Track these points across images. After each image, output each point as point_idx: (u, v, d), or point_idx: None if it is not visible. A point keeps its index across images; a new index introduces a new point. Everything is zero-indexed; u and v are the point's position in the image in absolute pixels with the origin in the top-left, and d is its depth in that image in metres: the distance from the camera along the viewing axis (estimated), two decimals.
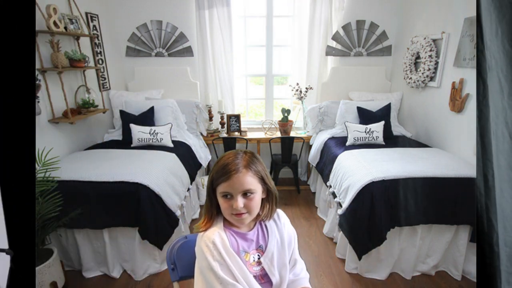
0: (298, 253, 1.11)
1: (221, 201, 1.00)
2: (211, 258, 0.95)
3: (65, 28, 2.63)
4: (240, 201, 0.96)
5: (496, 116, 0.84)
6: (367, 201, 2.13)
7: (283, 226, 1.08)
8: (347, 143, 3.01)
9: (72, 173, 2.19)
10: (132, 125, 3.01)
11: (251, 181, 0.97)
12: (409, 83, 3.25)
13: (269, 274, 1.02)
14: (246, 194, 0.97)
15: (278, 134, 3.72)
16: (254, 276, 1.00)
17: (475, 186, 1.12)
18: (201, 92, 3.79)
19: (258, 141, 3.68)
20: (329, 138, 3.26)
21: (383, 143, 3.01)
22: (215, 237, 0.98)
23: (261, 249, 1.04)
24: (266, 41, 3.77)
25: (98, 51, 3.25)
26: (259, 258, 1.03)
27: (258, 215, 1.04)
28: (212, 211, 1.04)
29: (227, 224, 1.04)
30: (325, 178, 2.89)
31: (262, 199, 1.03)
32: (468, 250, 2.23)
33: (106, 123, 3.46)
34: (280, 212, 1.10)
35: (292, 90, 3.68)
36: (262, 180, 1.00)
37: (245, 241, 1.03)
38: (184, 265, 1.20)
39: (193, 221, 3.08)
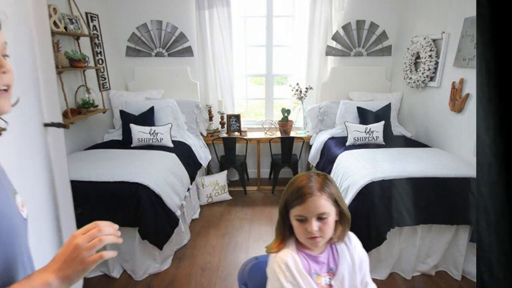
0: (369, 276, 1.10)
1: (295, 224, 0.99)
2: (283, 279, 0.95)
3: (65, 28, 2.63)
4: (314, 225, 0.95)
5: None
6: (367, 201, 2.13)
7: (354, 249, 1.06)
8: (347, 143, 3.01)
9: (72, 173, 2.18)
10: (132, 125, 3.01)
11: (325, 204, 0.96)
12: (409, 83, 3.25)
13: None
14: (320, 217, 0.97)
15: (278, 134, 3.72)
16: None
17: (475, 187, 1.12)
18: (201, 92, 3.79)
19: (258, 141, 3.68)
20: (329, 138, 3.26)
21: (383, 143, 3.01)
22: (288, 258, 0.98)
23: (332, 272, 1.03)
24: (266, 41, 3.77)
25: (98, 51, 3.25)
26: (330, 281, 1.02)
27: (331, 238, 1.03)
28: (285, 233, 1.04)
29: (299, 246, 1.04)
30: None
31: (336, 222, 1.02)
32: (468, 250, 2.23)
33: (106, 123, 3.46)
34: (351, 234, 1.09)
35: (292, 90, 3.68)
36: (336, 203, 1.00)
37: (316, 263, 1.02)
38: (255, 286, 1.20)
39: (193, 221, 3.08)
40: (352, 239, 1.08)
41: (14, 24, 1.28)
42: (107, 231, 0.64)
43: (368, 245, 2.15)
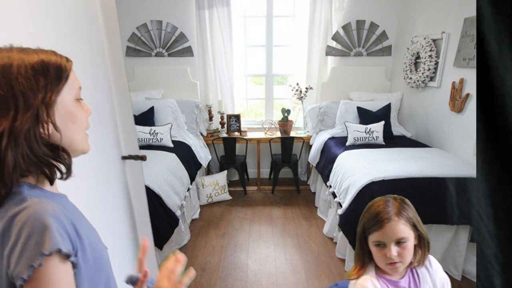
0: None
1: (374, 250, 0.99)
2: None
3: None
4: (393, 250, 0.95)
5: None
6: (367, 201, 2.11)
7: (435, 273, 1.05)
8: (347, 143, 3.01)
9: None
10: None
11: (404, 229, 0.96)
12: (409, 83, 3.25)
13: None
14: (399, 242, 0.96)
15: (278, 134, 3.72)
16: None
17: (476, 187, 1.12)
18: (201, 92, 3.79)
19: (258, 141, 3.68)
20: (329, 138, 3.26)
21: (383, 143, 3.01)
22: (368, 284, 0.97)
23: None
24: (266, 41, 3.77)
25: None
26: None
27: (411, 262, 1.02)
28: (364, 259, 1.04)
29: (379, 271, 1.03)
30: (325, 178, 2.89)
31: (414, 246, 1.01)
32: (468, 250, 2.23)
33: None
34: (431, 258, 1.08)
35: (292, 90, 3.68)
36: (414, 227, 0.99)
37: None
38: None
39: (193, 221, 3.08)
40: (433, 263, 1.06)
41: (92, 67, 1.34)
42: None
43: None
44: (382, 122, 3.06)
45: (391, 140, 3.09)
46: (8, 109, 0.52)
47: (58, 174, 0.60)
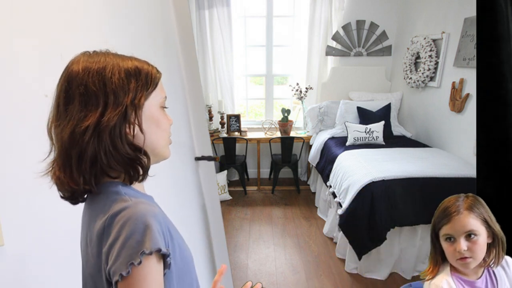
0: None
1: (444, 245, 0.98)
2: None
3: None
4: (463, 244, 0.93)
5: None
6: (367, 201, 2.13)
7: None
8: (347, 143, 3.01)
9: None
10: None
11: (473, 223, 0.94)
12: (409, 83, 3.25)
13: None
14: (469, 236, 0.94)
15: (278, 134, 3.72)
16: None
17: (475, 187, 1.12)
18: None
19: (258, 141, 3.68)
20: (329, 138, 3.26)
21: (383, 143, 3.01)
22: (443, 284, 0.96)
23: None
24: (266, 41, 3.77)
25: None
26: None
27: (485, 261, 0.99)
28: (436, 258, 1.02)
29: (454, 271, 1.01)
30: (325, 178, 2.89)
31: (488, 244, 0.98)
32: None
33: None
34: (509, 259, 1.04)
35: (292, 90, 3.68)
36: (486, 223, 0.96)
37: None
38: None
39: None
40: (510, 263, 1.04)
41: (171, 79, 1.42)
42: None
43: (368, 245, 2.15)
44: (382, 122, 3.06)
45: (391, 140, 3.09)
46: (98, 105, 0.54)
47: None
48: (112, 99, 0.54)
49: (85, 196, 0.60)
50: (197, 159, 1.64)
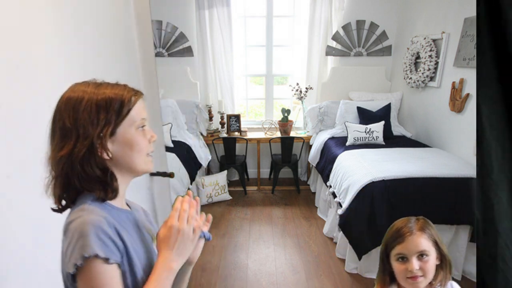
0: None
1: (395, 265, 1.00)
2: None
3: None
4: (415, 263, 0.95)
5: None
6: (367, 201, 2.13)
7: None
8: (347, 143, 3.01)
9: None
10: None
11: (425, 243, 0.97)
12: (409, 83, 3.25)
13: None
14: (421, 256, 0.97)
15: (278, 134, 3.72)
16: None
17: (475, 188, 1.12)
18: (201, 92, 3.79)
19: (258, 141, 3.68)
20: (329, 138, 3.26)
21: (383, 143, 3.01)
22: None
23: None
24: (266, 41, 3.77)
25: None
26: None
27: (431, 283, 1.02)
28: (385, 279, 1.04)
29: None
30: (325, 178, 2.89)
31: (436, 266, 1.01)
32: (468, 250, 2.23)
33: None
34: (454, 284, 1.08)
35: (292, 90, 3.68)
36: (436, 245, 1.00)
37: None
38: None
39: None
40: (455, 287, 1.07)
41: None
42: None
43: (368, 245, 2.15)
44: (382, 122, 3.06)
45: (391, 140, 3.09)
46: (71, 138, 0.64)
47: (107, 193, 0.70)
48: (81, 132, 0.64)
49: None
50: (152, 175, 1.60)
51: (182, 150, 3.03)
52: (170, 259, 0.69)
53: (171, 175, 1.60)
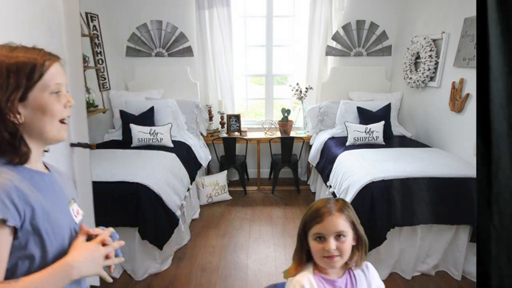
0: None
1: (312, 244, 1.01)
2: None
3: None
4: (332, 243, 0.97)
5: None
6: (367, 201, 2.12)
7: (372, 277, 1.08)
8: (347, 143, 3.01)
9: None
10: (132, 125, 3.01)
11: (343, 224, 0.99)
12: (409, 83, 3.25)
13: None
14: (338, 236, 0.99)
15: (278, 134, 3.72)
16: None
17: (476, 188, 1.12)
18: (201, 92, 3.79)
19: (258, 141, 3.68)
20: (329, 138, 3.26)
21: (383, 143, 3.01)
22: (304, 282, 0.99)
23: None
24: (266, 41, 3.77)
25: (98, 51, 3.25)
26: None
27: (347, 263, 1.05)
28: (302, 257, 1.05)
29: (316, 270, 1.05)
30: (325, 178, 2.89)
31: (353, 246, 1.03)
32: (468, 250, 2.23)
33: (106, 123, 3.46)
34: (369, 264, 1.11)
35: (292, 90, 3.68)
36: (354, 226, 1.02)
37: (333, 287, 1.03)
38: None
39: (193, 221, 3.08)
40: (370, 269, 1.09)
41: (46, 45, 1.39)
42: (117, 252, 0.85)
43: (368, 245, 2.15)
44: (382, 122, 3.06)
45: (391, 140, 3.09)
46: None
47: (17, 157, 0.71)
48: None
49: None
50: (72, 145, 1.56)
51: (182, 150, 3.03)
52: (76, 266, 0.71)
53: (92, 146, 1.57)
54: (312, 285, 0.99)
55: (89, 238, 0.82)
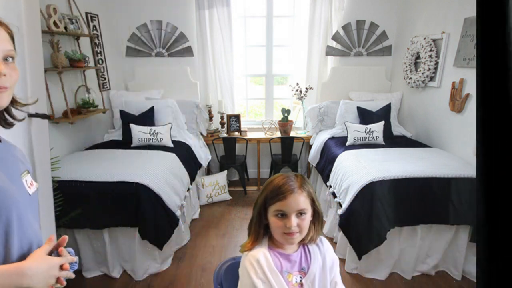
0: (339, 277, 1.13)
1: (273, 220, 1.02)
2: (254, 276, 0.97)
3: (65, 28, 2.63)
4: (294, 221, 0.98)
5: None
6: (367, 201, 2.12)
7: (326, 251, 1.10)
8: (347, 143, 3.01)
9: (72, 173, 2.19)
10: (132, 125, 3.01)
11: (305, 201, 1.01)
12: (409, 83, 3.25)
13: None
14: (300, 213, 1.00)
15: (278, 134, 3.72)
16: None
17: (476, 188, 1.12)
18: (201, 92, 3.79)
19: (258, 141, 3.68)
20: (329, 138, 3.26)
21: (383, 143, 3.01)
22: (259, 256, 1.00)
23: (303, 271, 1.06)
24: (266, 41, 3.77)
25: (98, 51, 3.25)
26: (301, 280, 1.05)
27: (303, 238, 1.06)
28: (259, 232, 1.06)
29: (272, 244, 1.07)
30: (325, 178, 2.89)
31: (310, 222, 1.05)
32: (468, 250, 2.23)
33: (106, 123, 3.46)
34: (323, 238, 1.13)
35: (292, 90, 3.68)
36: (313, 202, 1.04)
37: (288, 262, 1.05)
38: (231, 286, 1.20)
39: (193, 221, 3.08)
40: (325, 242, 1.12)
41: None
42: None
43: (368, 245, 2.15)
44: (382, 122, 3.06)
45: (391, 140, 3.09)
46: None
47: None
48: None
49: None
50: (30, 116, 1.52)
51: (182, 150, 3.03)
52: (29, 275, 0.70)
53: (51, 116, 1.54)
54: (268, 260, 1.00)
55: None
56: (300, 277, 1.05)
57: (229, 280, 1.21)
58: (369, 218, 2.11)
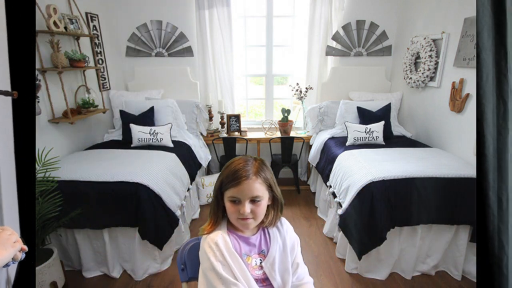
0: (301, 258, 1.14)
1: (228, 205, 1.02)
2: (213, 258, 0.97)
3: (65, 28, 2.63)
4: (247, 207, 0.98)
5: None
6: (367, 201, 2.12)
7: (286, 233, 1.10)
8: (347, 143, 3.01)
9: (72, 173, 2.19)
10: (132, 125, 3.01)
11: (260, 188, 1.00)
12: (409, 83, 3.25)
13: (270, 278, 1.05)
14: (254, 200, 1.00)
15: (278, 134, 3.72)
16: (256, 280, 1.03)
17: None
18: (201, 92, 3.79)
19: (258, 141, 3.68)
20: (329, 138, 3.26)
21: (383, 143, 3.01)
22: (218, 239, 1.00)
23: (263, 254, 1.07)
24: (266, 41, 3.77)
25: (98, 51, 3.25)
26: (261, 263, 1.05)
27: (262, 221, 1.07)
28: (218, 215, 1.07)
29: (231, 228, 1.07)
30: (325, 178, 2.89)
31: (268, 206, 1.06)
32: (468, 250, 2.23)
33: (106, 123, 3.46)
34: (283, 219, 1.14)
35: (292, 90, 3.68)
36: (270, 188, 1.04)
37: (247, 245, 1.06)
38: (194, 266, 1.21)
39: (193, 221, 3.08)
40: (284, 224, 1.13)
41: None
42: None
43: (368, 245, 2.15)
44: (382, 122, 3.06)
45: (391, 140, 3.09)
46: None
47: None
48: None
49: None
50: None
51: (182, 150, 3.03)
52: None
53: (14, 94, 1.41)
54: (226, 242, 1.01)
55: None
56: (260, 260, 1.05)
57: (192, 260, 1.22)
58: (369, 218, 2.11)
